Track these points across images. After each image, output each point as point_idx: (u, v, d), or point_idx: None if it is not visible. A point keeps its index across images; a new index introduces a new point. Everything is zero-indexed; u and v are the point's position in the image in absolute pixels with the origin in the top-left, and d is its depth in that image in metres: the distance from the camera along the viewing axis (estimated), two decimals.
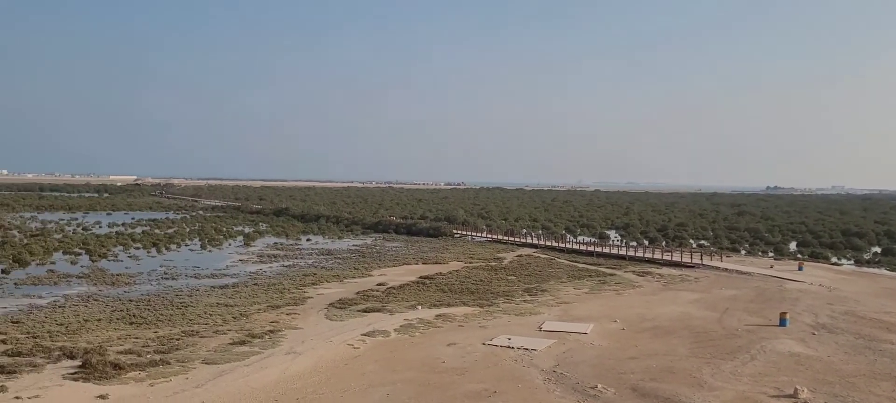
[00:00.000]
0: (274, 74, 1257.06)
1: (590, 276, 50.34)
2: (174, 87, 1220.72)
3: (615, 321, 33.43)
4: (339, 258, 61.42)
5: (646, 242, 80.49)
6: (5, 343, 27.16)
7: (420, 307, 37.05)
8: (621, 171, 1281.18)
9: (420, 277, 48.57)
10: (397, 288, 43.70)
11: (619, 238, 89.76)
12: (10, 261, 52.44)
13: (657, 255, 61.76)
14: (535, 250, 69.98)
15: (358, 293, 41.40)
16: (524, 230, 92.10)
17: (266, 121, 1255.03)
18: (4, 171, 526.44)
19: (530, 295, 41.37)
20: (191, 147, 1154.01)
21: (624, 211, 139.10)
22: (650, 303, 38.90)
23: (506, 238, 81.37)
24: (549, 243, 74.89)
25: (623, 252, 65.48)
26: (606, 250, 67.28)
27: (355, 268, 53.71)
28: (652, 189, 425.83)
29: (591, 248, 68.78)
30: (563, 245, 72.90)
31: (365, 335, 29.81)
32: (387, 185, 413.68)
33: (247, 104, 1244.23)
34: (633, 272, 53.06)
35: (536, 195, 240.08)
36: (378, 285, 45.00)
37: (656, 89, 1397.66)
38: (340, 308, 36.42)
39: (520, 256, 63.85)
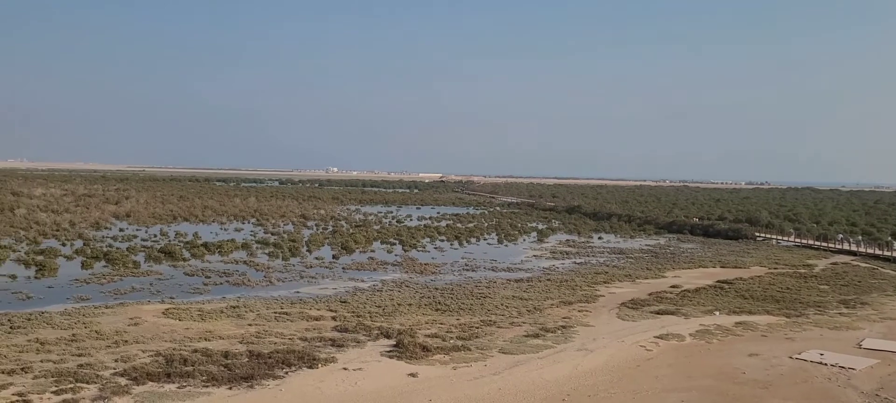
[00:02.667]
0: (587, 78, 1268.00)
1: None
2: (478, 92, 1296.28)
3: None
4: (631, 257, 60.68)
5: None
6: (335, 320, 31.47)
7: (718, 312, 35.31)
8: None
9: (718, 281, 46.21)
10: (692, 291, 42.09)
11: None
12: (339, 248, 60.50)
13: None
14: (853, 258, 62.83)
15: (650, 294, 40.64)
16: (840, 235, 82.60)
17: (569, 122, 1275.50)
18: (335, 169, 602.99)
19: (847, 308, 37.24)
20: (487, 148, 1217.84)
21: None
22: None
23: (817, 243, 74.13)
24: (871, 251, 66.60)
25: None
26: None
27: (648, 269, 52.72)
28: None
29: None
30: (889, 253, 64.23)
31: (658, 337, 29.28)
32: (681, 184, 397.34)
33: (545, 107, 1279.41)
34: None
35: (855, 196, 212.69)
36: (671, 287, 43.73)
37: None
38: (632, 308, 36.09)
39: (834, 264, 57.69)
